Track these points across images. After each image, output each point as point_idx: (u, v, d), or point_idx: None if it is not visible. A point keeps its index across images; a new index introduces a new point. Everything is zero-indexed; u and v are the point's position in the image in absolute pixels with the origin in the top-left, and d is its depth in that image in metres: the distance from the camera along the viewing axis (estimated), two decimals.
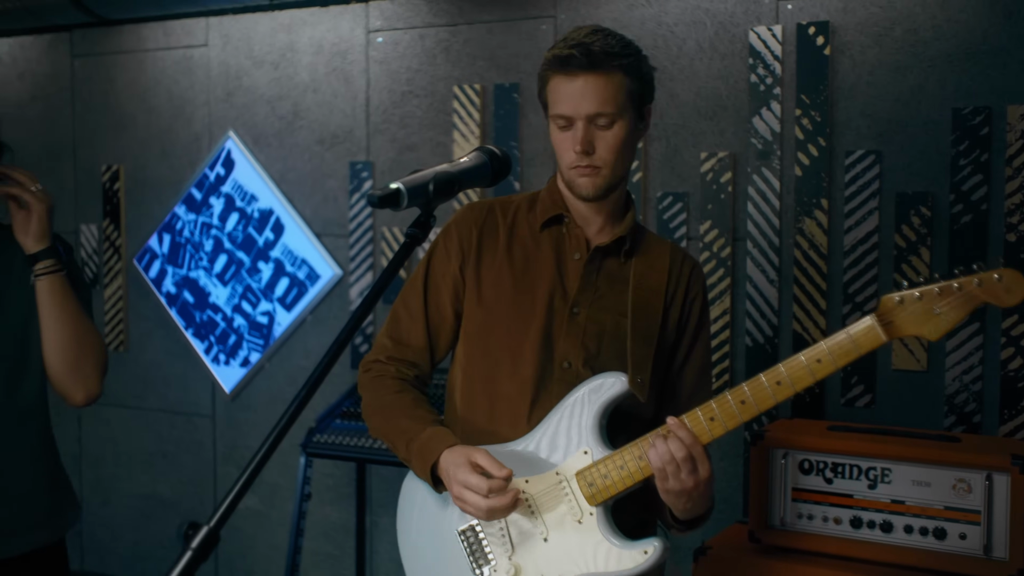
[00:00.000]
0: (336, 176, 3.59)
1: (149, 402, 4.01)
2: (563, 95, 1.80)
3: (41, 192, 2.04)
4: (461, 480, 1.73)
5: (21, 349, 2.06)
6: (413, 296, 1.98)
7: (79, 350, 2.04)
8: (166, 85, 3.93)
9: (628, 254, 1.91)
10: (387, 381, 1.95)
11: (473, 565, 1.83)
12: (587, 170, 1.82)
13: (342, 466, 3.55)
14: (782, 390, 1.68)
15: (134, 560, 4.09)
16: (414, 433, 1.84)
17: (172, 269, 3.91)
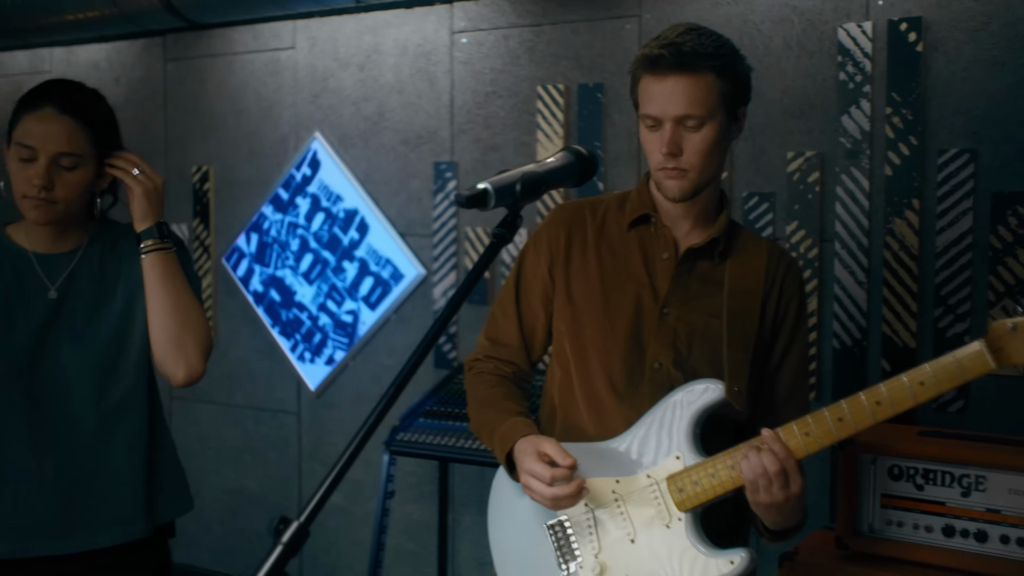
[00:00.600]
0: (420, 176, 3.62)
1: (237, 399, 4.09)
2: (652, 95, 1.79)
3: (143, 174, 2.09)
4: (527, 468, 1.75)
5: (118, 344, 2.11)
6: (507, 297, 2.02)
7: (181, 327, 2.07)
8: (254, 87, 4.00)
9: (723, 255, 1.89)
10: (484, 376, 1.99)
11: (560, 560, 1.84)
12: (674, 172, 1.80)
13: (425, 464, 3.58)
14: (882, 410, 1.65)
15: (221, 553, 4.18)
16: (498, 423, 1.87)
17: (259, 268, 3.98)
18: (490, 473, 3.43)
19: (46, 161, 2.02)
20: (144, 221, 2.09)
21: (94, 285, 2.14)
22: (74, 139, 2.04)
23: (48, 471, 2.07)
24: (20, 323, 2.08)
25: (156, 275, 2.09)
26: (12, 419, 2.07)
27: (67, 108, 2.04)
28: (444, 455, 3.11)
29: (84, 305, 2.12)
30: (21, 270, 2.12)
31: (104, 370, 2.10)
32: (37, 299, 2.10)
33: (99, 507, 2.10)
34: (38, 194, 2.03)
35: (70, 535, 2.09)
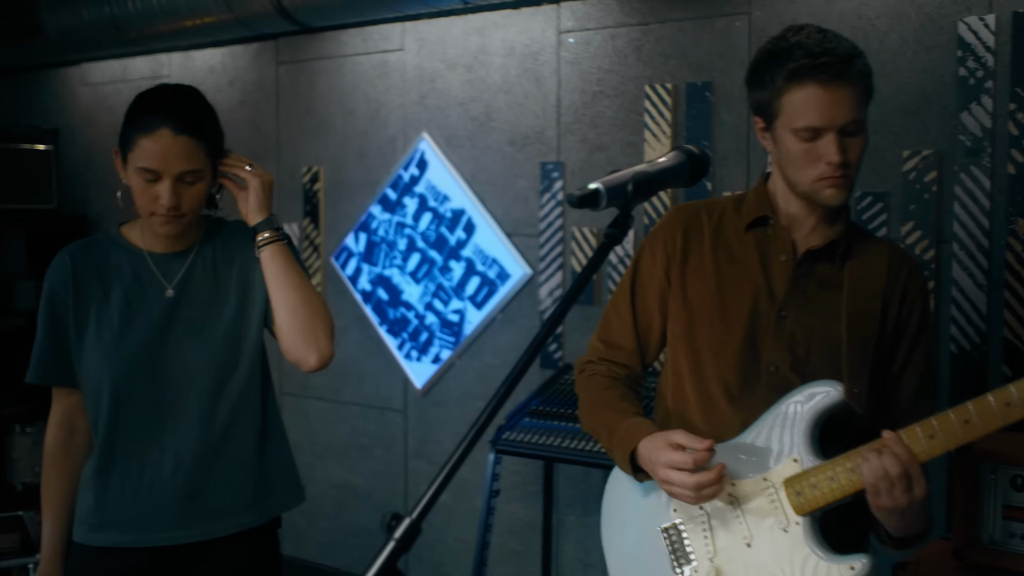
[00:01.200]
0: (527, 176, 3.63)
1: (345, 395, 4.16)
2: (814, 106, 1.73)
3: (255, 170, 2.15)
4: (664, 461, 1.72)
5: (234, 340, 2.16)
6: (622, 299, 2.00)
7: (309, 313, 2.11)
8: (364, 89, 4.06)
9: (843, 257, 1.85)
10: (597, 379, 1.99)
11: (674, 563, 1.82)
12: (839, 180, 1.76)
13: (530, 464, 3.59)
14: (1012, 412, 1.59)
15: (329, 547, 4.25)
16: (615, 424, 1.86)
17: (367, 267, 4.04)
18: (595, 474, 3.43)
19: (170, 181, 2.07)
20: (259, 214, 2.14)
21: (208, 283, 2.19)
22: (193, 156, 2.08)
23: (168, 464, 2.14)
24: (141, 321, 2.15)
25: (277, 267, 2.13)
26: (134, 414, 2.15)
27: (183, 127, 2.07)
28: (549, 455, 3.11)
29: (200, 303, 2.17)
30: (138, 269, 2.19)
31: (222, 366, 2.16)
32: (155, 298, 2.17)
33: (215, 498, 2.16)
34: (167, 213, 2.09)
35: (188, 525, 2.15)
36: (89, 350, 2.16)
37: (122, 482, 2.15)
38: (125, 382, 2.13)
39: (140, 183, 2.09)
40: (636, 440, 1.79)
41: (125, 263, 2.19)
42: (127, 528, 2.15)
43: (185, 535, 2.15)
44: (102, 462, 2.17)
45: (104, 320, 2.16)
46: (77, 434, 2.25)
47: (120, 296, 2.16)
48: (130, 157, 2.10)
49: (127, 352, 2.14)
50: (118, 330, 2.14)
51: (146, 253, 2.20)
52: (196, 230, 2.23)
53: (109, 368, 2.14)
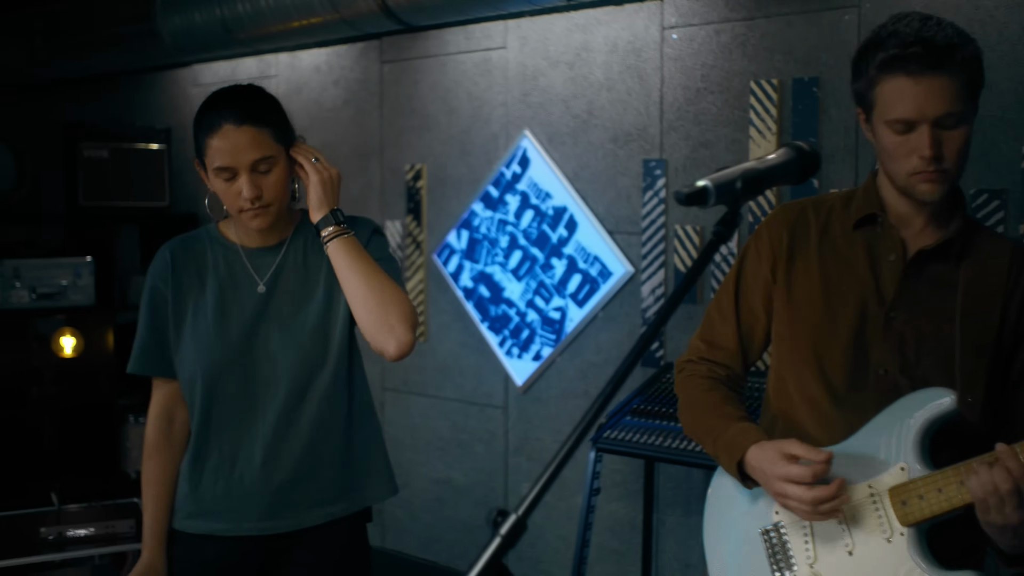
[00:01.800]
0: (629, 174, 3.61)
1: (446, 391, 4.19)
2: (904, 97, 1.69)
3: (320, 163, 2.18)
4: (780, 474, 1.68)
5: (322, 333, 2.20)
6: (725, 299, 1.97)
7: (380, 302, 2.11)
8: (466, 87, 4.09)
9: (958, 257, 1.79)
10: (697, 380, 1.95)
11: (773, 567, 1.79)
12: (934, 175, 1.71)
13: (630, 462, 3.57)
14: None
15: (429, 541, 4.29)
16: (720, 429, 1.83)
17: (469, 264, 4.06)
18: (696, 474, 3.39)
19: (246, 174, 2.12)
20: (320, 210, 2.17)
21: (299, 277, 2.24)
22: (260, 143, 2.12)
23: (257, 456, 2.19)
24: (234, 315, 2.21)
25: (342, 261, 2.15)
26: (226, 407, 2.21)
27: (243, 117, 2.11)
28: (650, 454, 3.09)
29: (290, 297, 2.22)
30: (232, 264, 2.25)
31: (309, 359, 2.20)
32: (247, 292, 2.22)
33: (303, 490, 2.21)
34: (252, 206, 2.14)
35: (277, 516, 2.21)
36: (186, 343, 2.23)
37: (215, 472, 2.22)
38: (217, 375, 2.19)
39: (221, 184, 2.15)
40: (744, 448, 1.76)
41: (221, 258, 2.25)
42: (220, 517, 2.21)
43: (274, 525, 2.21)
44: (197, 452, 2.23)
45: (200, 313, 2.22)
46: (176, 424, 2.32)
47: (215, 290, 2.22)
48: (206, 162, 2.16)
49: (220, 345, 2.19)
50: (212, 323, 2.20)
51: (240, 248, 2.26)
52: (288, 224, 2.27)
53: (203, 361, 2.20)
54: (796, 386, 1.86)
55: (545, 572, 3.90)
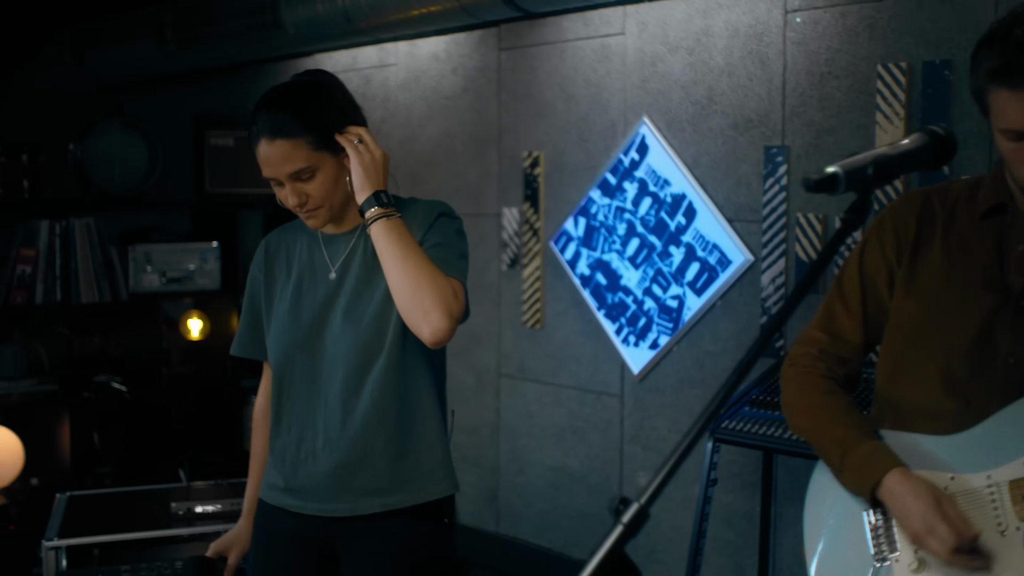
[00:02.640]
0: (750, 161, 3.55)
1: (562, 379, 4.20)
2: (1007, 109, 1.63)
3: (364, 145, 2.19)
4: (928, 525, 1.66)
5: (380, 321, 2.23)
6: (850, 289, 1.92)
7: (415, 286, 2.11)
8: (584, 73, 4.07)
9: None
10: (815, 379, 1.90)
11: (875, 549, 1.75)
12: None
13: (748, 454, 3.52)
14: None
15: (543, 528, 4.31)
16: (850, 444, 1.78)
17: (586, 252, 4.05)
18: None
19: (287, 183, 2.18)
20: (363, 192, 2.18)
21: (366, 264, 2.27)
22: (295, 156, 2.15)
23: (319, 439, 2.26)
24: (307, 301, 2.28)
25: (381, 243, 2.16)
26: (294, 390, 2.30)
27: (275, 131, 2.14)
28: (769, 445, 3.04)
29: (355, 283, 2.26)
30: (313, 251, 2.33)
31: (366, 347, 2.23)
32: (322, 278, 2.29)
33: (361, 476, 2.25)
34: (300, 211, 2.22)
35: (337, 500, 2.26)
36: (272, 327, 2.34)
37: (285, 451, 2.31)
38: (288, 358, 2.28)
39: (274, 188, 2.23)
40: (881, 473, 1.72)
41: (304, 245, 2.34)
42: (289, 493, 2.31)
43: (333, 508, 2.27)
44: (273, 431, 2.34)
45: (282, 299, 2.32)
46: None
47: (296, 276, 2.31)
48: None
49: (291, 330, 2.28)
50: (289, 309, 2.29)
51: (319, 235, 2.33)
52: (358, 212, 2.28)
53: (278, 344, 2.30)
54: (913, 376, 1.81)
55: (660, 562, 3.88)
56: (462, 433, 4.61)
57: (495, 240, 4.42)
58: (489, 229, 4.44)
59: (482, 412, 4.53)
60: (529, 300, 4.27)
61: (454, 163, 4.59)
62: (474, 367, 4.55)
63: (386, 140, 4.89)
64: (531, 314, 4.26)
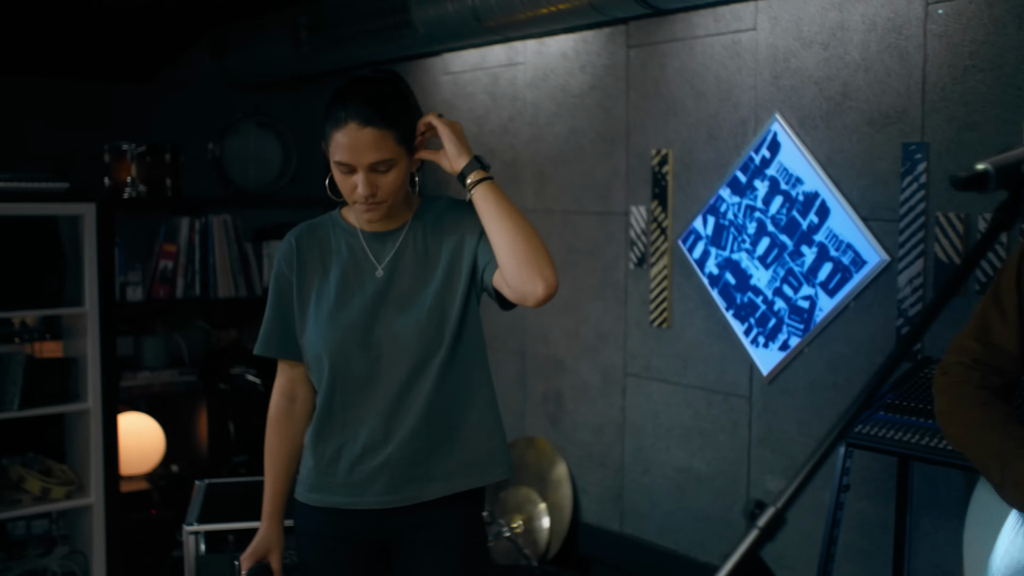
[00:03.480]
0: (886, 158, 3.44)
1: (689, 379, 4.15)
2: None
3: (442, 119, 2.26)
4: None
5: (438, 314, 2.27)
6: (1008, 297, 1.84)
7: (529, 244, 2.15)
8: (714, 70, 4.01)
9: None
10: (970, 389, 1.84)
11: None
12: None
13: (881, 460, 3.42)
14: None
15: (668, 529, 4.27)
16: (1010, 457, 1.71)
17: (715, 251, 3.99)
18: (955, 475, 3.21)
19: (363, 172, 2.19)
20: (462, 158, 2.22)
21: (418, 260, 2.31)
22: (381, 146, 2.18)
23: (379, 433, 2.29)
24: (355, 298, 2.30)
25: (490, 204, 2.18)
26: (349, 386, 2.31)
27: (368, 118, 2.17)
28: (905, 452, 2.94)
29: (409, 280, 2.30)
30: (354, 248, 2.34)
31: (426, 339, 2.27)
32: (368, 276, 2.31)
33: (422, 465, 2.30)
34: (365, 201, 2.22)
35: (398, 490, 2.30)
36: (311, 325, 2.33)
37: (338, 448, 2.32)
38: (341, 355, 2.29)
39: (339, 175, 2.24)
40: None
41: (343, 242, 2.35)
42: (342, 491, 2.32)
43: (394, 500, 2.30)
44: (320, 429, 2.35)
45: (323, 297, 2.32)
46: (297, 402, 2.44)
47: (338, 274, 2.32)
48: (328, 149, 2.23)
49: (343, 327, 2.29)
50: (334, 306, 2.30)
51: (360, 232, 2.34)
52: (407, 208, 2.35)
53: (328, 342, 2.30)
54: None
55: (788, 568, 3.80)
56: (586, 432, 4.61)
57: (622, 239, 4.39)
58: (616, 227, 4.42)
59: (607, 411, 4.51)
60: (656, 299, 4.23)
61: (582, 161, 4.58)
62: (600, 366, 4.53)
63: (513, 138, 4.91)
64: (658, 313, 4.22)
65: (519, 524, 4.63)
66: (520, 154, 4.89)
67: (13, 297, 4.27)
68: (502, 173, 4.98)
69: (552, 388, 4.78)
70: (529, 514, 4.64)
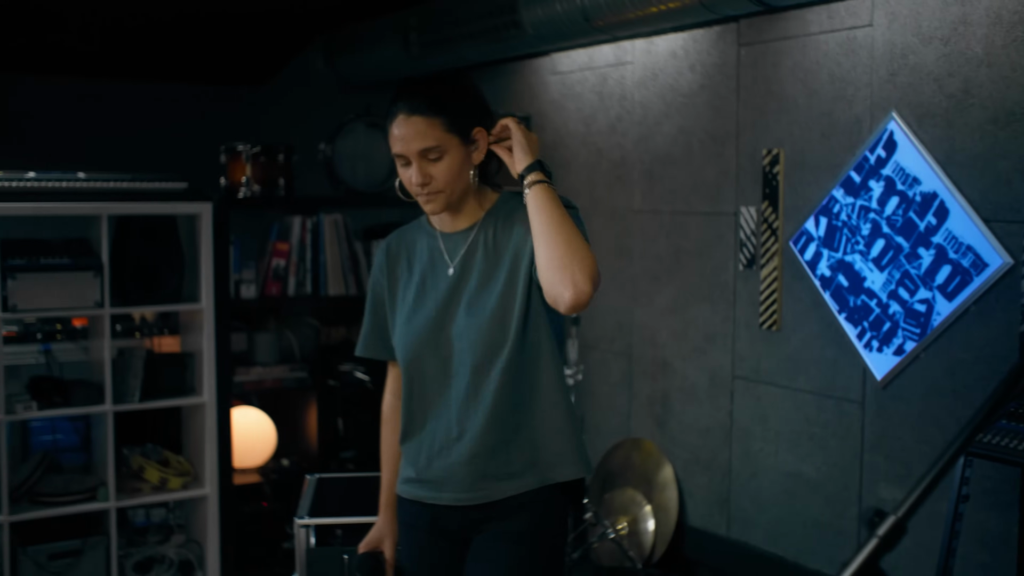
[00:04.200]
0: (1011, 157, 3.32)
1: (799, 383, 4.07)
2: None
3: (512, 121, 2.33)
4: None
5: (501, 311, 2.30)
6: None
7: (567, 249, 2.17)
8: (828, 68, 3.93)
9: None
10: None
11: None
12: None
13: (1003, 470, 3.30)
14: None
15: (776, 536, 4.19)
16: None
17: (827, 252, 3.91)
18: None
19: (415, 161, 2.28)
20: (525, 159, 2.28)
21: (487, 259, 2.35)
22: (428, 133, 2.26)
23: (453, 431, 2.35)
24: (430, 299, 2.37)
25: (538, 204, 2.23)
26: (425, 386, 2.39)
27: (414, 108, 2.27)
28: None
29: (476, 279, 2.34)
30: (432, 249, 2.42)
31: (491, 338, 2.31)
32: (442, 276, 2.38)
33: (495, 463, 2.34)
34: (422, 191, 2.30)
35: (473, 488, 2.35)
36: (397, 326, 2.43)
37: (419, 445, 2.41)
38: (416, 355, 2.38)
39: (399, 169, 2.33)
40: None
41: (424, 245, 2.43)
42: (425, 486, 2.40)
43: (470, 497, 2.35)
44: (405, 426, 2.44)
45: (406, 299, 2.42)
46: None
47: (418, 276, 2.41)
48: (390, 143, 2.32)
49: (417, 327, 2.37)
50: (412, 307, 2.39)
51: (439, 234, 2.42)
52: (479, 207, 2.40)
53: (405, 343, 2.39)
54: None
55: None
56: (693, 434, 4.56)
57: (731, 239, 4.33)
58: (725, 228, 4.36)
59: (715, 414, 4.46)
60: (766, 301, 4.16)
61: (691, 161, 4.53)
62: (707, 368, 4.48)
63: (621, 138, 4.89)
64: (768, 315, 4.15)
65: (624, 526, 4.61)
66: (628, 154, 4.86)
67: (135, 293, 4.42)
68: (609, 173, 4.96)
69: (659, 389, 4.75)
70: (634, 516, 4.61)
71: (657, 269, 4.72)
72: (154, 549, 4.58)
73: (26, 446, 4.70)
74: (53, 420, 4.63)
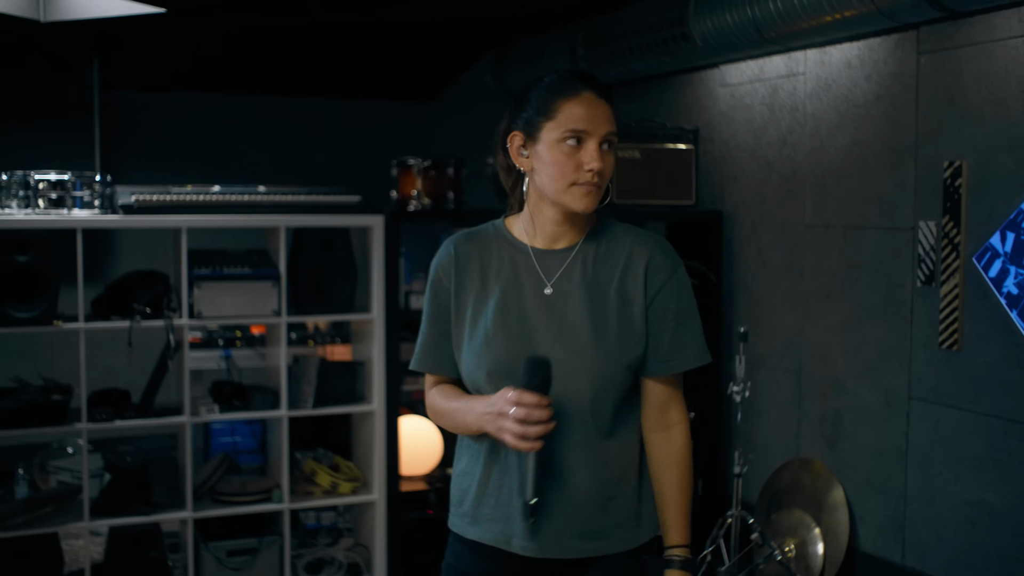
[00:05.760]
0: None
1: (982, 406, 3.87)
2: None
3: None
4: None
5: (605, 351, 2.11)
6: None
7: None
8: (1017, 75, 3.73)
9: None
10: None
11: None
12: None
13: None
14: None
15: (956, 566, 4.00)
16: None
17: (1015, 269, 3.71)
18: None
19: (597, 143, 2.08)
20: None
21: (587, 285, 2.14)
22: (613, 120, 2.12)
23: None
24: (515, 317, 2.14)
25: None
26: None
27: (602, 92, 2.13)
28: None
29: (575, 304, 2.12)
30: (518, 264, 2.18)
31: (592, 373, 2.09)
32: (532, 295, 2.15)
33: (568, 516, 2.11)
34: (592, 179, 2.08)
35: (537, 539, 2.12)
36: (466, 346, 2.18)
37: (499, 480, 2.16)
38: (500, 378, 2.11)
39: (561, 154, 2.08)
40: None
41: (507, 257, 2.19)
42: (492, 528, 2.17)
43: (539, 548, 2.12)
44: (486, 458, 2.18)
45: (481, 314, 2.17)
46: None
47: (498, 291, 2.16)
48: (548, 126, 2.10)
49: (501, 348, 2.12)
50: (492, 325, 2.14)
51: (530, 248, 2.18)
52: (579, 230, 2.18)
53: (485, 363, 2.14)
54: None
55: None
56: (866, 456, 4.40)
57: (909, 255, 4.17)
58: (903, 243, 4.19)
59: (890, 435, 4.29)
60: (946, 320, 3.98)
61: (866, 174, 4.38)
62: (882, 387, 4.31)
63: (792, 151, 4.77)
64: (948, 334, 3.97)
65: (791, 548, 4.48)
66: (799, 167, 4.74)
67: (309, 303, 4.57)
68: (780, 187, 4.85)
69: (829, 409, 4.60)
70: (802, 538, 4.48)
71: (829, 285, 4.58)
72: (324, 551, 4.72)
73: (207, 447, 4.93)
74: (233, 423, 4.84)
